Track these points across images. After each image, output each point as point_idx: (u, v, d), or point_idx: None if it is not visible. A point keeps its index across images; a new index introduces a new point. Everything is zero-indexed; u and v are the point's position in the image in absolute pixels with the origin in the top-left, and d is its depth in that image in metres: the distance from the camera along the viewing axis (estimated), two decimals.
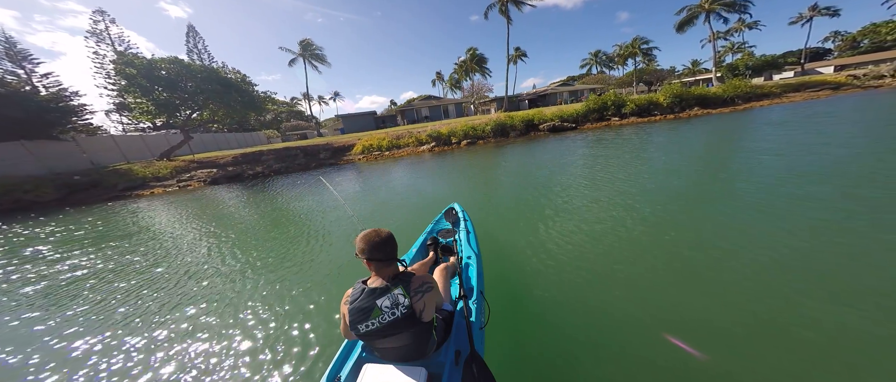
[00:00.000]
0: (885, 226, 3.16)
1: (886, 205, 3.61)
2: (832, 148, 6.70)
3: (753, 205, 4.09)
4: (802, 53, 51.31)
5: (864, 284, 2.39)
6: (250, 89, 19.16)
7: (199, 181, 15.33)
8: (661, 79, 46.53)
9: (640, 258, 3.18)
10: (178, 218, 8.23)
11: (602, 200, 5.10)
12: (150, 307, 3.43)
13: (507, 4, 30.35)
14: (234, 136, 34.47)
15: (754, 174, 5.47)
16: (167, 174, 16.02)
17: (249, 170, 16.76)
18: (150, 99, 15.90)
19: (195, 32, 39.43)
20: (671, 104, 19.97)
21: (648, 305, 2.46)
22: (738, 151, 7.74)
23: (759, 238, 3.26)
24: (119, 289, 3.95)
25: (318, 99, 71.72)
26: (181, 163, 17.93)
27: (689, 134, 11.82)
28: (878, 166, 5.04)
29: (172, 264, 4.73)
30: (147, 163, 18.11)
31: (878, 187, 4.20)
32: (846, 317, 2.09)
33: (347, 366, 1.56)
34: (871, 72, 25.08)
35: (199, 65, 17.20)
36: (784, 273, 2.65)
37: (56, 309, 3.60)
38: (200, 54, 39.36)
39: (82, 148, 17.56)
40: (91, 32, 31.06)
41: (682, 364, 1.90)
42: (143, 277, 4.31)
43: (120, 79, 15.79)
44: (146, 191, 14.20)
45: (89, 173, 15.08)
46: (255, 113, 20.95)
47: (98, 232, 7.33)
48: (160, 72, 15.82)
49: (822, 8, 45.87)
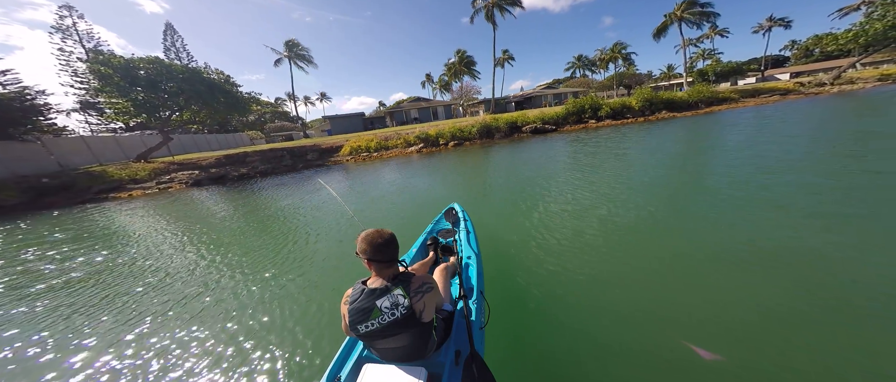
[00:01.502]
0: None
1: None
2: (773, 146, 7.26)
3: (752, 205, 4.10)
4: (762, 61, 54.40)
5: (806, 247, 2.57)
6: (234, 90, 18.49)
7: (181, 183, 14.66)
8: (639, 82, 48.29)
9: (640, 257, 3.17)
10: (163, 220, 7.86)
11: (601, 200, 5.10)
12: (145, 308, 3.30)
13: (492, 10, 30.64)
14: (215, 138, 33.15)
15: (745, 175, 5.48)
16: (145, 176, 15.23)
17: (234, 171, 16.16)
18: (128, 99, 15.08)
19: (173, 30, 37.72)
20: (642, 107, 20.84)
21: (649, 304, 2.43)
22: (726, 152, 7.71)
23: (758, 238, 3.24)
24: (111, 291, 3.75)
25: (305, 99, 70.08)
26: (160, 164, 17.09)
27: (663, 136, 12.27)
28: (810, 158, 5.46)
29: (162, 265, 4.53)
30: (123, 164, 17.14)
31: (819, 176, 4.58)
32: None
33: (347, 366, 1.54)
34: (814, 80, 27.12)
35: (180, 66, 16.41)
36: (784, 267, 2.67)
37: (43, 313, 3.38)
38: (179, 53, 37.63)
39: (49, 149, 16.40)
40: (56, 28, 29.01)
41: (682, 364, 1.88)
42: (131, 280, 4.11)
43: (94, 78, 14.88)
44: (123, 193, 13.45)
45: (59, 176, 14.14)
46: (239, 114, 20.24)
47: (73, 235, 6.90)
48: (139, 71, 15.02)
49: (777, 19, 48.94)
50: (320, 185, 9.86)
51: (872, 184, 4.33)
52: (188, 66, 17.11)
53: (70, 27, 29.52)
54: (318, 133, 42.28)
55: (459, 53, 38.29)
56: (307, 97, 70.45)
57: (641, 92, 21.84)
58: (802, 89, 24.99)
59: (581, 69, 55.42)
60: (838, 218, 3.48)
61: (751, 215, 3.79)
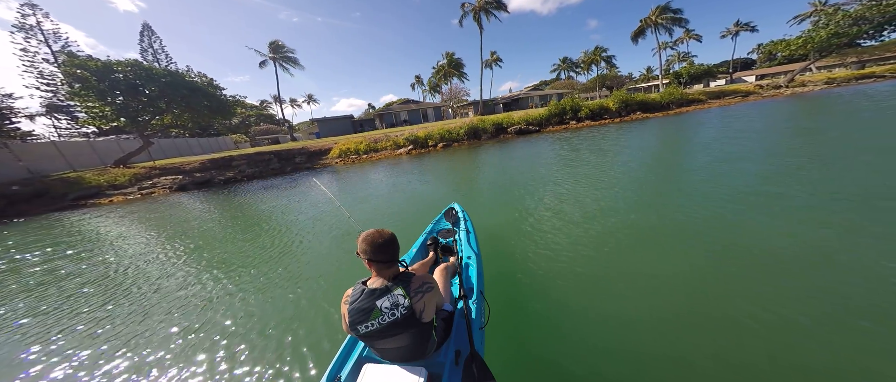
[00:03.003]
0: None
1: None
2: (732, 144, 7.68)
3: (754, 205, 4.01)
4: (730, 64, 56.91)
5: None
6: (218, 93, 17.89)
7: (165, 188, 14.09)
8: (621, 84, 49.60)
9: (640, 256, 3.12)
10: (150, 224, 7.55)
11: (599, 200, 5.03)
12: (145, 308, 3.25)
13: (479, 14, 30.84)
14: (198, 142, 31.89)
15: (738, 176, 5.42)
16: (126, 181, 14.56)
17: (220, 175, 15.66)
18: (106, 103, 14.37)
19: (151, 31, 35.96)
20: (619, 109, 21.56)
21: (650, 303, 2.39)
22: (715, 154, 7.44)
23: (760, 239, 3.19)
24: (98, 294, 3.59)
25: (291, 102, 68.38)
26: (141, 169, 16.36)
27: (642, 135, 12.61)
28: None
29: (154, 269, 4.39)
30: (100, 170, 16.29)
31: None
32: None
33: (347, 366, 1.52)
34: (771, 83, 28.77)
35: (161, 69, 15.74)
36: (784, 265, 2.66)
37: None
38: (157, 55, 35.84)
39: (16, 155, 15.42)
40: (18, 26, 26.89)
41: (683, 364, 1.85)
42: (128, 282, 4.02)
43: (70, 81, 14.08)
44: (104, 199, 12.81)
45: (30, 182, 13.33)
46: (223, 117, 19.60)
47: (51, 243, 6.53)
48: (117, 75, 14.32)
49: (744, 24, 51.44)
50: (312, 187, 9.76)
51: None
52: (170, 70, 16.43)
53: (34, 26, 27.51)
54: (305, 136, 41.38)
55: (448, 56, 38.30)
56: (294, 99, 68.69)
57: (618, 94, 22.64)
58: (761, 92, 26.53)
59: (566, 71, 56.46)
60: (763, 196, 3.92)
61: (752, 217, 3.69)
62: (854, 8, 23.92)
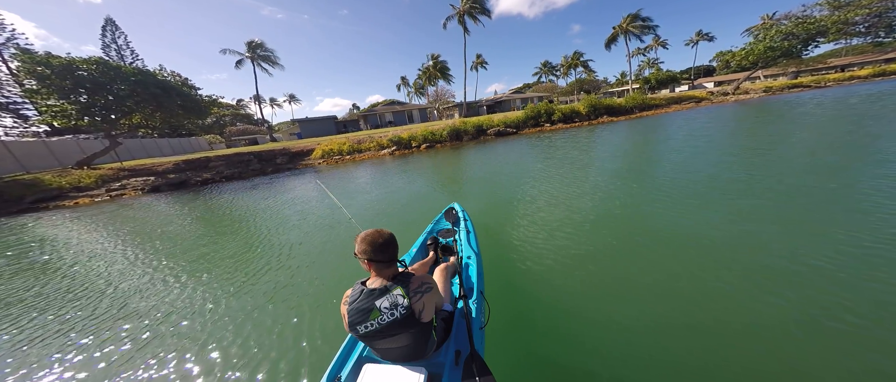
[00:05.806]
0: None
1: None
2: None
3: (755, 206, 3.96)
4: (692, 71, 60.49)
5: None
6: (193, 93, 16.92)
7: (136, 189, 13.20)
8: (597, 88, 51.46)
9: (641, 256, 3.07)
10: (125, 228, 7.05)
11: (598, 199, 4.98)
12: (143, 308, 3.13)
13: (463, 17, 30.95)
14: (168, 142, 29.92)
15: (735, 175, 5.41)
16: (92, 183, 13.51)
17: (196, 176, 14.85)
18: (69, 101, 13.21)
19: (115, 26, 33.13)
20: (589, 112, 22.62)
21: (650, 303, 2.35)
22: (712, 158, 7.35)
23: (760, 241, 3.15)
24: (90, 296, 3.32)
25: (271, 102, 65.70)
26: (108, 171, 15.22)
27: (612, 136, 13.09)
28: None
29: (143, 275, 4.14)
30: (59, 171, 14.99)
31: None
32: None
33: (347, 366, 1.50)
34: (719, 91, 31.24)
35: (131, 68, 14.64)
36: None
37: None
38: (121, 51, 33.06)
39: None
40: None
41: (684, 364, 1.84)
42: (126, 283, 3.82)
43: (29, 78, 12.83)
44: (68, 201, 11.82)
45: None
46: (198, 118, 18.56)
47: (15, 245, 5.96)
48: (81, 73, 13.20)
49: (704, 34, 54.92)
50: (303, 187, 9.45)
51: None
52: (140, 69, 15.33)
53: None
54: (286, 137, 39.93)
55: (434, 58, 37.93)
56: (274, 99, 66.07)
57: (588, 99, 23.80)
58: (712, 98, 28.92)
59: (546, 75, 57.78)
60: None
61: (752, 218, 3.63)
62: (784, 25, 27.53)
